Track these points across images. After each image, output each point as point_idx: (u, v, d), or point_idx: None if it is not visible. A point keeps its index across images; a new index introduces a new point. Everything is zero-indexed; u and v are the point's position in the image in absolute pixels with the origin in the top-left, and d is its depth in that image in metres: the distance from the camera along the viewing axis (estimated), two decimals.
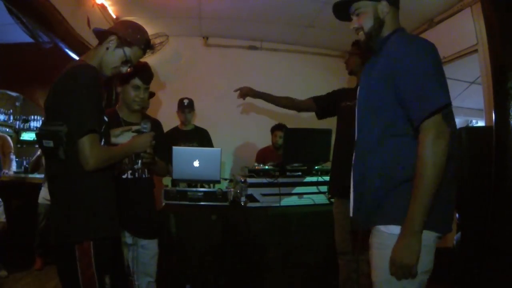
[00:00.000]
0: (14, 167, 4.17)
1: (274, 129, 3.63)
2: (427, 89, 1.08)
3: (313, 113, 2.47)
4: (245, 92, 2.47)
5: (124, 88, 1.87)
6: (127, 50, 1.43)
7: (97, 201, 1.33)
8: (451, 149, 1.10)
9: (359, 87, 1.36)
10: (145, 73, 1.88)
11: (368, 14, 1.28)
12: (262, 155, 3.63)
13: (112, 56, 1.41)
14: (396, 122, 1.17)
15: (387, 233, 1.13)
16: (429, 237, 1.11)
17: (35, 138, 1.31)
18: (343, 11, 1.39)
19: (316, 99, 2.42)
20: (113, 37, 1.40)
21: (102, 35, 1.43)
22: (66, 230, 1.30)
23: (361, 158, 1.27)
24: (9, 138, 4.12)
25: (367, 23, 1.28)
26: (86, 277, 1.28)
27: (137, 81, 1.85)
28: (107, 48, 1.40)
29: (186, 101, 3.28)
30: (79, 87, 1.25)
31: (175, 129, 3.37)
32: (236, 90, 2.47)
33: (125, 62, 1.44)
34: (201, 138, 3.30)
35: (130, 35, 1.43)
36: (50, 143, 1.24)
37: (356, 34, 1.34)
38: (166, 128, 3.37)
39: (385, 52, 1.22)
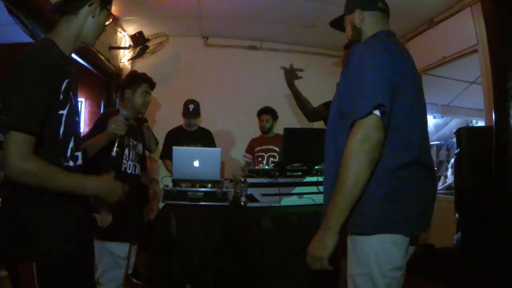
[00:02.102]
0: None
1: (260, 113, 3.55)
2: (360, 95, 1.09)
3: None
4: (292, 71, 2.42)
5: (133, 93, 2.04)
6: (109, 7, 1.25)
7: (46, 217, 1.08)
8: (413, 154, 1.13)
9: (335, 93, 1.38)
10: (151, 79, 2.12)
11: (348, 27, 1.37)
12: (250, 145, 3.64)
13: (99, 20, 1.22)
14: None
15: (354, 236, 1.19)
16: (397, 235, 1.13)
17: None
18: (341, 27, 1.48)
19: (326, 104, 2.36)
20: (94, 1, 1.19)
21: (70, 4, 1.18)
22: (8, 245, 1.08)
23: (329, 163, 1.30)
24: None
25: (349, 34, 1.38)
26: None
27: (146, 87, 2.07)
28: (93, 16, 1.19)
29: (191, 107, 3.23)
30: (22, 74, 1.03)
31: (179, 128, 3.37)
32: (282, 68, 2.45)
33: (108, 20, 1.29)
34: (205, 139, 3.30)
35: None
36: (1, 137, 1.01)
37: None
38: (166, 128, 3.41)
39: (350, 60, 1.25)
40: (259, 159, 3.50)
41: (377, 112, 1.05)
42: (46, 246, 1.08)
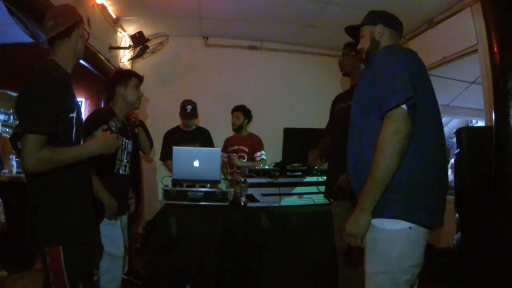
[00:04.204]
0: (15, 167, 4.16)
1: (232, 110, 3.52)
2: (390, 89, 1.19)
3: (312, 114, 2.47)
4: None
5: (125, 89, 2.01)
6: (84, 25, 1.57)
7: (66, 205, 1.31)
8: (430, 149, 1.23)
9: (354, 91, 1.46)
10: (138, 74, 2.10)
11: (367, 37, 1.46)
12: (225, 144, 3.55)
13: (84, 38, 1.54)
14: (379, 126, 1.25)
15: (380, 228, 1.22)
16: (418, 232, 1.20)
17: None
18: (354, 34, 1.57)
19: (327, 131, 2.34)
20: (79, 25, 1.50)
21: (65, 32, 1.43)
22: (35, 233, 1.28)
23: (352, 154, 1.37)
24: None
25: (366, 45, 1.46)
26: (58, 285, 1.26)
27: (136, 81, 2.04)
28: (81, 36, 1.51)
29: (189, 108, 3.21)
30: (34, 88, 1.25)
31: (177, 128, 3.37)
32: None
33: None
34: (202, 138, 3.30)
35: (79, 15, 1.53)
36: (19, 145, 1.25)
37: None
38: (165, 127, 3.41)
39: (373, 62, 1.36)
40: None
41: (404, 106, 1.15)
42: (70, 231, 1.30)
